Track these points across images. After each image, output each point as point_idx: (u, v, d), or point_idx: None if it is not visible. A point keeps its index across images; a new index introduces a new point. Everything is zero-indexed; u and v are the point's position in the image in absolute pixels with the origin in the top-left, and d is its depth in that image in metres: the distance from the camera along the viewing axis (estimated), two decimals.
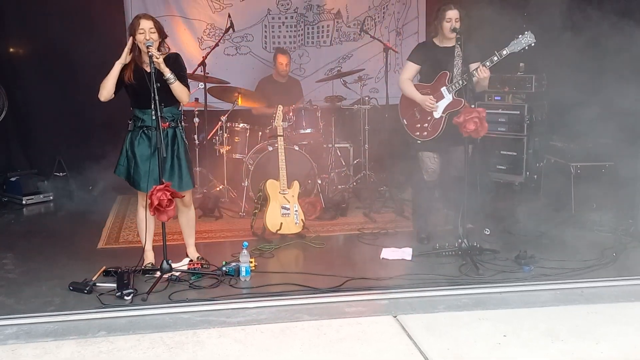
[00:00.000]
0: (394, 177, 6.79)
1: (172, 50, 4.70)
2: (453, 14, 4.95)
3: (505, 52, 4.85)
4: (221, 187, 6.75)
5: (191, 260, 4.72)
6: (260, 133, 6.80)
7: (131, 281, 4.18)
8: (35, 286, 4.38)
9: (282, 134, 5.70)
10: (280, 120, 5.74)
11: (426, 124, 5.14)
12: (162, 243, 4.42)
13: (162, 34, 4.50)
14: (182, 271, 4.48)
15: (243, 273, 4.43)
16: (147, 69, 4.36)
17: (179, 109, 4.71)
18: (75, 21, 7.18)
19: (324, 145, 7.00)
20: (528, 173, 6.81)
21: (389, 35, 8.24)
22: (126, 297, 4.05)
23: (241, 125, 6.79)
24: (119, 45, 4.48)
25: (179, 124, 4.62)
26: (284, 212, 5.47)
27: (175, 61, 4.53)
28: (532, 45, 4.80)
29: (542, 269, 4.57)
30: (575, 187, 5.89)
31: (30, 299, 4.15)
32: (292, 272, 4.64)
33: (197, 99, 6.89)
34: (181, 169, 4.57)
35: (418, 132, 5.19)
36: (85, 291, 4.18)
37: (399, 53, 7.78)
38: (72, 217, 6.46)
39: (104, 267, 4.56)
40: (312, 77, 7.97)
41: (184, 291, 4.23)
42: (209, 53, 6.90)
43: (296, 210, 5.51)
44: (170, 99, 4.48)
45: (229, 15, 6.90)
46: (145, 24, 4.39)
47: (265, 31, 8.00)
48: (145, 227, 4.60)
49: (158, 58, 4.32)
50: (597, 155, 5.93)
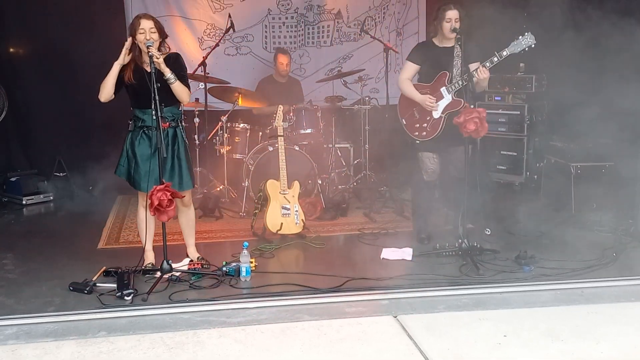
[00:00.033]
0: (394, 177, 6.79)
1: (173, 50, 4.71)
2: (453, 14, 4.94)
3: (505, 53, 4.85)
4: (221, 187, 6.75)
5: (191, 261, 4.72)
6: (261, 133, 6.80)
7: (131, 281, 4.18)
8: (36, 286, 4.38)
9: (282, 134, 5.69)
10: (280, 120, 5.74)
11: (425, 124, 5.14)
12: (163, 243, 4.41)
13: (163, 34, 4.49)
14: (183, 271, 4.48)
15: (243, 273, 4.43)
16: (148, 68, 4.36)
17: (180, 109, 4.71)
18: (75, 21, 7.17)
19: (325, 146, 7.00)
20: (528, 173, 6.81)
21: (389, 35, 8.24)
22: (126, 298, 4.05)
23: (241, 125, 6.79)
24: (119, 45, 4.47)
25: (180, 124, 4.62)
26: (285, 212, 5.47)
27: (175, 61, 4.53)
28: (532, 46, 4.80)
29: (542, 269, 4.57)
30: (575, 187, 5.89)
31: (31, 299, 4.15)
32: (292, 273, 4.64)
33: (197, 99, 6.88)
34: (181, 169, 4.57)
35: (417, 132, 5.19)
36: (86, 291, 4.18)
37: (399, 53, 7.76)
38: (72, 217, 6.47)
39: (104, 268, 4.56)
40: (313, 77, 7.96)
41: (184, 291, 4.23)
42: (209, 53, 6.90)
43: (296, 211, 5.50)
44: (170, 99, 4.48)
45: (230, 16, 6.90)
46: (146, 24, 4.39)
47: (266, 31, 8.00)
48: (146, 227, 4.60)
49: (158, 58, 4.32)
50: (597, 155, 5.93)
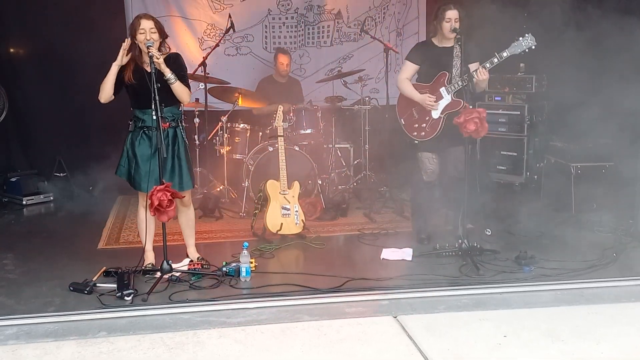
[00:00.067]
0: (394, 178, 6.78)
1: (173, 51, 4.70)
2: (453, 14, 4.94)
3: (506, 54, 4.85)
4: (221, 187, 6.75)
5: (191, 261, 4.72)
6: (261, 133, 6.80)
7: (131, 281, 4.18)
8: (36, 286, 4.38)
9: (282, 134, 5.69)
10: (280, 120, 5.73)
11: (424, 124, 5.14)
12: (163, 243, 4.41)
13: (163, 34, 4.49)
14: (183, 272, 4.48)
15: (243, 273, 4.43)
16: (148, 69, 4.36)
17: (180, 109, 4.71)
18: (75, 21, 7.16)
19: (325, 146, 7.00)
20: (528, 173, 6.81)
21: (390, 35, 8.24)
22: (126, 298, 4.05)
23: (241, 125, 6.79)
24: (119, 46, 4.47)
25: (180, 124, 4.62)
26: (285, 212, 5.47)
27: (175, 61, 4.53)
28: (533, 48, 4.79)
29: (542, 270, 4.57)
30: (575, 188, 5.89)
31: (31, 299, 4.15)
32: (292, 273, 4.64)
33: (197, 99, 6.89)
34: (181, 169, 4.57)
35: (416, 132, 5.19)
36: (86, 291, 4.18)
37: (399, 53, 7.76)
38: (73, 217, 6.47)
39: (105, 268, 4.56)
40: (313, 77, 7.96)
41: (184, 292, 4.23)
42: (209, 53, 6.90)
43: (296, 211, 5.50)
44: (170, 99, 4.48)
45: (230, 16, 6.90)
46: (146, 24, 4.39)
47: (266, 31, 8.00)
48: (146, 227, 4.60)
49: (159, 58, 4.32)
50: (598, 155, 5.93)
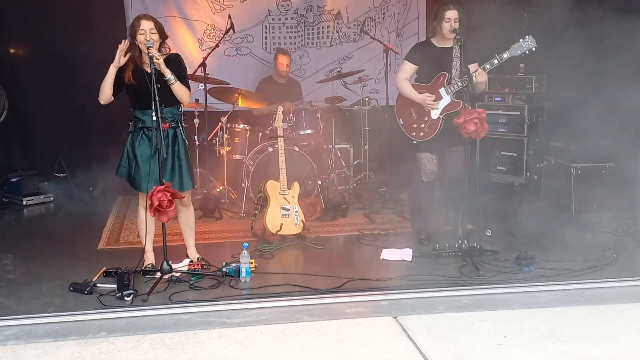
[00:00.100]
0: (394, 178, 6.79)
1: (173, 51, 4.70)
2: (452, 14, 4.94)
3: (506, 55, 4.84)
4: (221, 188, 6.75)
5: (191, 261, 4.72)
6: (261, 134, 6.80)
7: (131, 282, 4.18)
8: (36, 287, 4.38)
9: (282, 134, 5.69)
10: (280, 121, 5.73)
11: (423, 125, 5.14)
12: (163, 244, 4.41)
13: (163, 34, 4.50)
14: (183, 272, 4.48)
15: (243, 274, 4.43)
16: (148, 69, 4.36)
17: (179, 109, 4.71)
18: (75, 21, 7.17)
19: (324, 146, 7.00)
20: (528, 174, 6.79)
21: (389, 36, 8.25)
22: (126, 298, 4.05)
23: (241, 126, 6.79)
24: (118, 46, 4.47)
25: (180, 125, 4.62)
26: (284, 212, 5.47)
27: (175, 62, 4.53)
28: (533, 50, 4.79)
29: (542, 270, 4.57)
30: (575, 188, 5.88)
31: (31, 299, 4.15)
32: (292, 273, 4.65)
33: (197, 100, 6.89)
34: (181, 169, 4.57)
35: (414, 133, 5.19)
36: (86, 292, 4.18)
37: (399, 54, 7.76)
38: (73, 218, 6.47)
39: (105, 268, 4.56)
40: (312, 77, 7.96)
41: (184, 292, 4.23)
42: (209, 54, 6.90)
43: (296, 211, 5.50)
44: (170, 100, 4.48)
45: (229, 16, 6.90)
46: (146, 25, 4.39)
47: (266, 32, 8.00)
48: (146, 228, 4.60)
49: (158, 59, 4.32)
50: (598, 156, 5.92)
